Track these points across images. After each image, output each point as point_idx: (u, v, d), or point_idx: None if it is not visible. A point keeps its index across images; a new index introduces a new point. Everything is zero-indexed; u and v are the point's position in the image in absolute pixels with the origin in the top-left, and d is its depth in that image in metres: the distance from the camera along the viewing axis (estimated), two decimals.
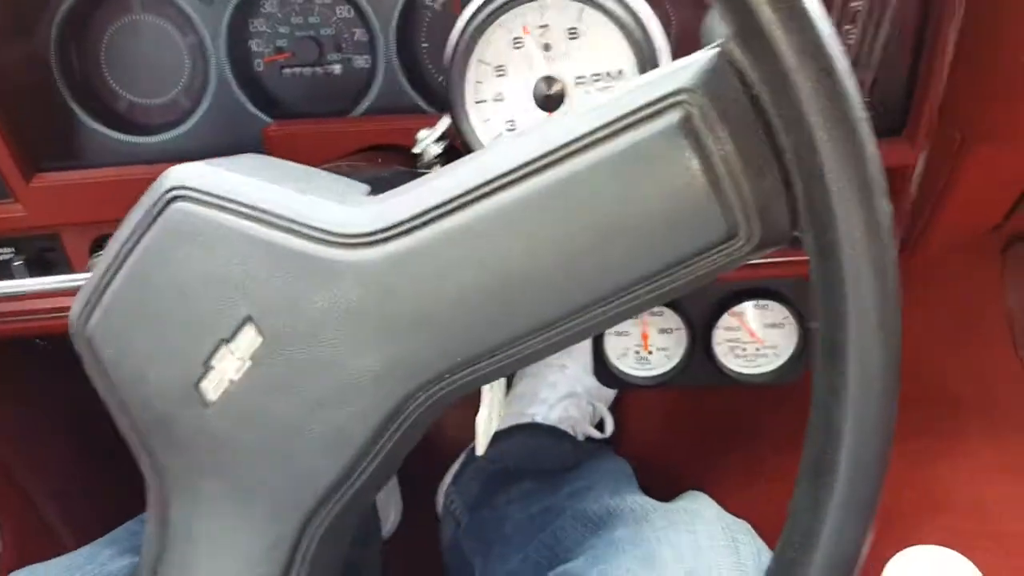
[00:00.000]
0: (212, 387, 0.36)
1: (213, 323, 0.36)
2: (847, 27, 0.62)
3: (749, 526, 0.69)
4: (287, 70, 0.71)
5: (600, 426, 1.23)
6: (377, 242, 0.35)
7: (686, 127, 0.32)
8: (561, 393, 1.23)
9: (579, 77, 0.53)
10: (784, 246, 0.34)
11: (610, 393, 1.27)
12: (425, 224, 0.34)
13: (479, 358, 0.35)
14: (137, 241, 0.36)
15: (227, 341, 0.36)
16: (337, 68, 0.71)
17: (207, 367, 0.36)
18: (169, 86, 0.70)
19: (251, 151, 0.67)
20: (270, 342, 0.35)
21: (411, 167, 0.58)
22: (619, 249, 0.33)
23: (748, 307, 0.85)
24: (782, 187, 0.32)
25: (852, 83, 0.29)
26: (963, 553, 0.99)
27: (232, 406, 0.36)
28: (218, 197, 0.36)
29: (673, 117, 0.32)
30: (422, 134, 0.57)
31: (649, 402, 1.30)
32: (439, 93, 0.71)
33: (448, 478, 1.21)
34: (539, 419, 1.20)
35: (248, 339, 0.36)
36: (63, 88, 0.68)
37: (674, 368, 0.87)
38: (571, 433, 1.19)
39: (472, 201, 0.34)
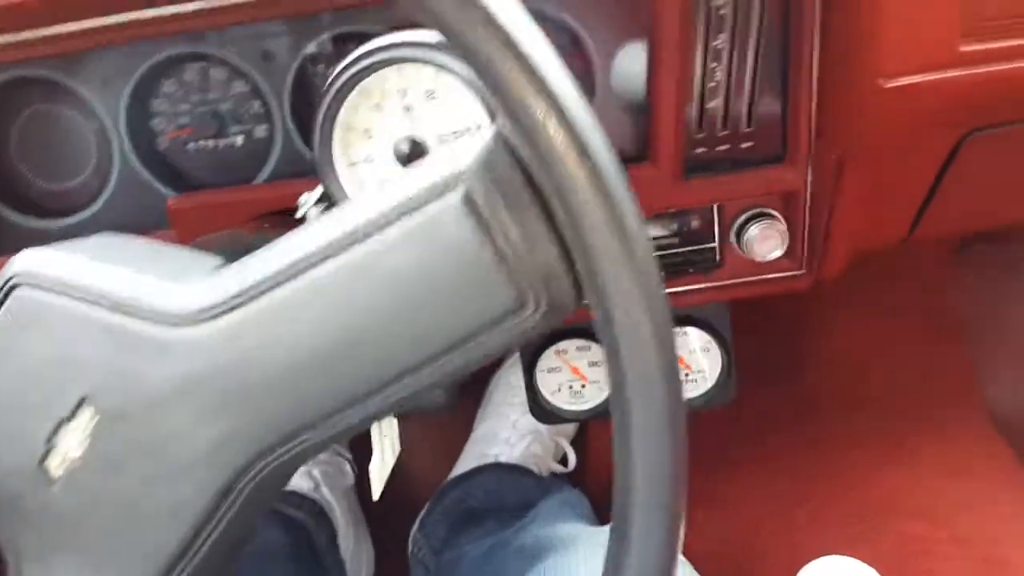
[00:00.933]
0: (55, 464, 0.38)
1: (53, 403, 0.38)
2: (712, 65, 0.65)
3: None
4: (191, 145, 0.73)
5: (564, 460, 1.24)
6: (203, 320, 0.37)
7: (467, 206, 0.34)
8: (523, 431, 1.25)
9: (441, 135, 0.56)
10: (573, 312, 0.36)
11: (571, 427, 1.28)
12: (245, 302, 0.36)
13: (303, 429, 0.37)
14: None
15: (67, 420, 0.38)
16: (239, 139, 0.73)
17: (49, 445, 0.38)
18: (79, 169, 0.73)
19: (160, 226, 0.70)
20: (106, 420, 0.37)
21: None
22: (420, 321, 0.35)
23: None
24: (563, 258, 0.34)
25: (611, 161, 0.31)
26: (918, 558, 1.00)
27: (75, 483, 0.38)
28: (56, 281, 0.39)
29: (455, 197, 0.34)
30: (303, 198, 0.60)
31: (611, 433, 1.31)
32: None
33: (417, 524, 1.22)
34: (502, 459, 1.21)
35: (86, 418, 0.37)
36: None
37: (606, 400, 0.88)
38: (535, 470, 1.20)
39: (285, 280, 0.36)
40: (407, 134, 0.55)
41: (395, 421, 0.52)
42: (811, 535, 1.01)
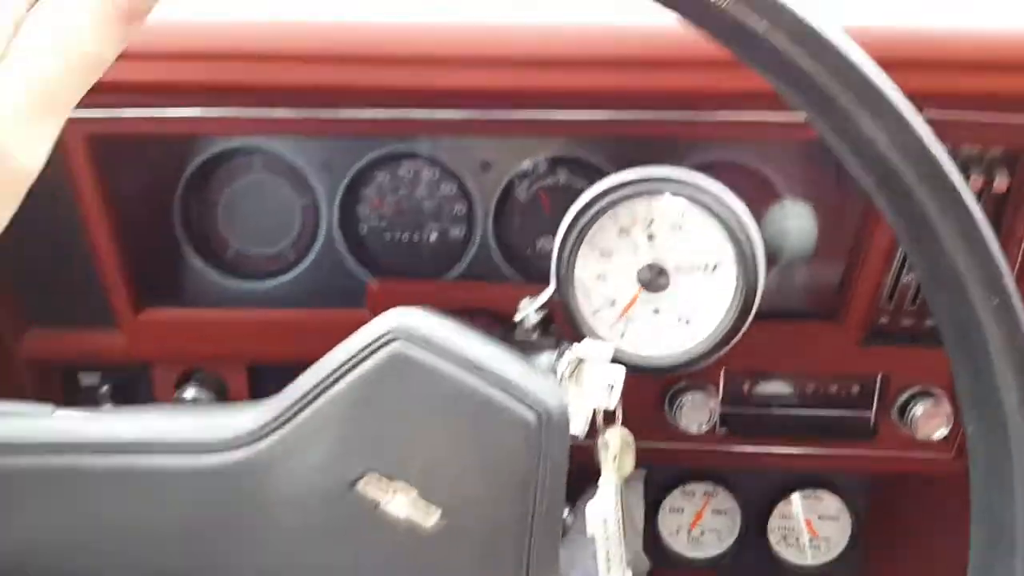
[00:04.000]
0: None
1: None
2: None
3: None
4: (387, 233, 0.76)
5: None
6: None
7: None
8: None
9: (679, 265, 0.58)
10: None
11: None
12: None
13: None
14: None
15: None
16: (433, 235, 0.76)
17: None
18: (277, 239, 0.76)
19: (350, 303, 0.72)
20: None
21: (501, 329, 0.62)
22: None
23: (801, 497, 0.86)
24: None
25: None
26: None
27: None
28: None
29: None
30: (524, 303, 0.61)
31: None
32: (526, 265, 0.76)
33: None
34: None
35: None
36: (181, 235, 0.74)
37: (727, 551, 0.87)
38: None
39: None
40: (648, 261, 0.58)
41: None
42: None
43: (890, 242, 0.66)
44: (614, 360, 0.53)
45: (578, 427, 0.50)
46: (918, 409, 0.74)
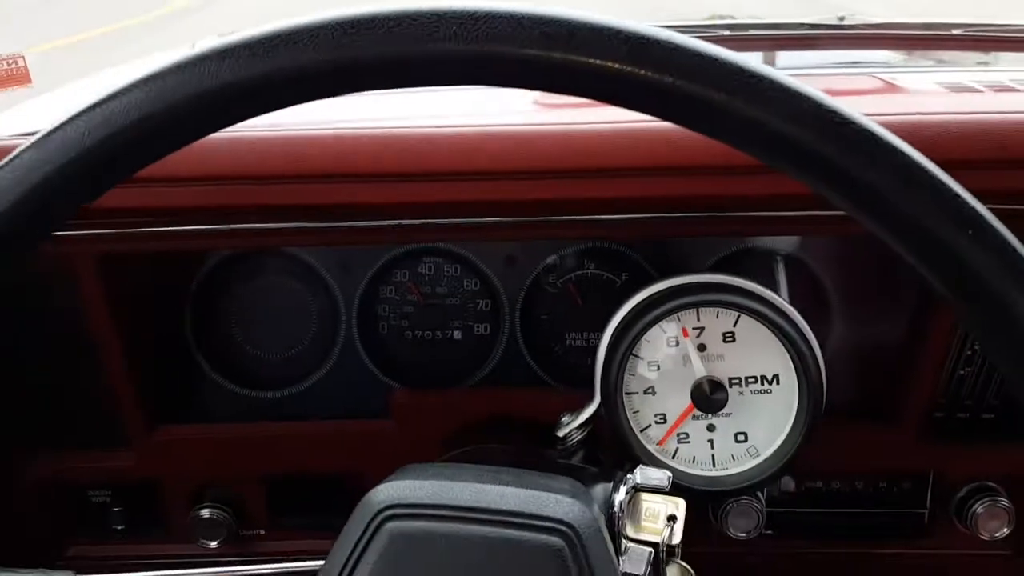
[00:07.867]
0: None
1: None
2: None
3: None
4: (408, 333, 0.72)
5: None
6: None
7: None
8: None
9: (733, 379, 0.54)
10: None
11: None
12: None
13: None
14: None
15: None
16: (458, 334, 0.72)
17: None
18: (294, 343, 0.72)
19: (371, 410, 0.68)
20: None
21: (539, 444, 0.58)
22: None
23: None
24: None
25: None
26: None
27: None
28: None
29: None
30: (565, 419, 0.57)
31: None
32: (556, 362, 0.72)
33: None
34: None
35: None
36: (193, 345, 0.70)
37: None
38: None
39: None
40: (701, 374, 0.54)
41: None
42: None
43: (947, 337, 0.63)
44: (673, 487, 0.49)
45: (638, 568, 0.46)
46: (979, 507, 0.69)
